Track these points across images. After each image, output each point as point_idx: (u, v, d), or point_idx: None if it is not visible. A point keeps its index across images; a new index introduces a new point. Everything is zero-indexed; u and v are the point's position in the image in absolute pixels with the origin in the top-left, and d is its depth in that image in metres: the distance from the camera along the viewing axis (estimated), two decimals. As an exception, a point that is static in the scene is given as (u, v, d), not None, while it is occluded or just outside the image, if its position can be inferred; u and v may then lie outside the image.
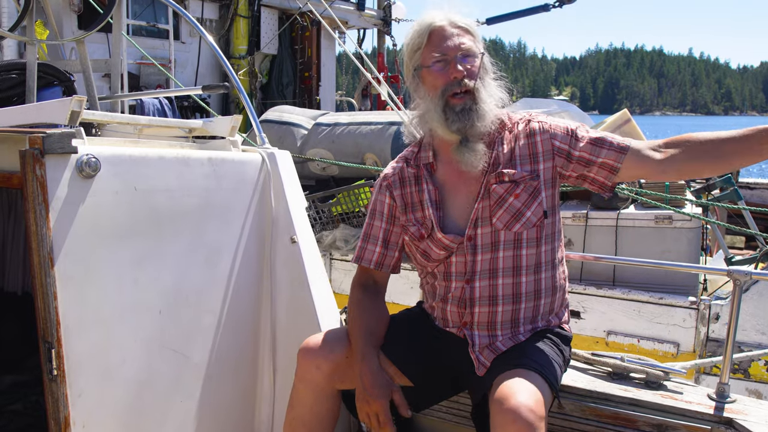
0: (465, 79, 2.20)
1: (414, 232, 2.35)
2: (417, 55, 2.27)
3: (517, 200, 2.23)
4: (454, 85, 2.20)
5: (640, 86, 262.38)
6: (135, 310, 2.18)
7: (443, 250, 2.30)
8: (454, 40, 2.21)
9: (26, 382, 3.43)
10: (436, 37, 2.23)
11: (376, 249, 2.44)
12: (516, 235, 2.24)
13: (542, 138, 2.27)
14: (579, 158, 2.25)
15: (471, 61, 2.22)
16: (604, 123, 6.67)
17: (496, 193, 2.24)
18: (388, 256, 2.44)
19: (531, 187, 2.24)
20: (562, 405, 2.43)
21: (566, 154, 2.26)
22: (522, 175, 2.24)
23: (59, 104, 2.20)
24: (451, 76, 2.20)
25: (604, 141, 2.24)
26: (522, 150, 2.27)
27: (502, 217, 2.23)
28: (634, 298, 4.68)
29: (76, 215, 1.98)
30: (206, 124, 2.71)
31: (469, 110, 2.20)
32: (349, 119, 6.30)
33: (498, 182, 2.24)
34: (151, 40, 8.86)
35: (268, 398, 2.67)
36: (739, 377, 4.33)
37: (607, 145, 2.23)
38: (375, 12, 12.19)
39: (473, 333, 2.29)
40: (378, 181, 2.49)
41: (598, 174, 2.26)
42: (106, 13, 3.13)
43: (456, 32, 2.23)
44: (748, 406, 2.34)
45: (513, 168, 2.25)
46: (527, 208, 2.23)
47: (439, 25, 2.23)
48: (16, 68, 3.30)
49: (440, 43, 2.22)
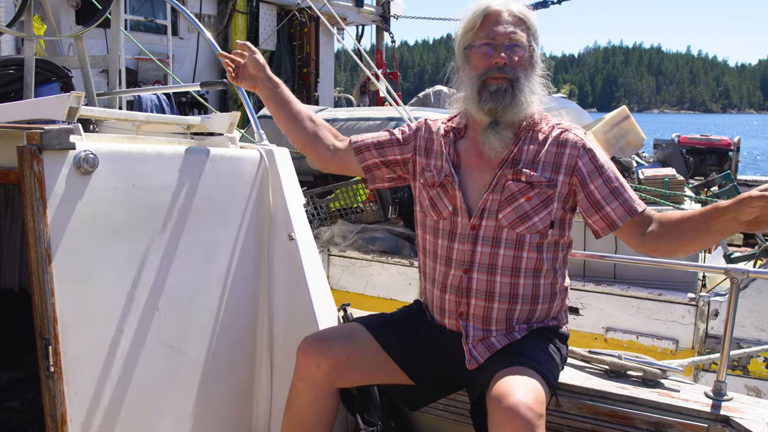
0: (507, 67, 2.21)
1: (428, 177, 2.38)
2: (469, 35, 2.28)
3: (528, 203, 2.23)
4: (493, 70, 2.22)
5: (638, 84, 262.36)
6: (132, 307, 2.17)
7: (452, 205, 2.31)
8: (505, 27, 2.22)
9: (23, 379, 3.42)
10: (489, 21, 2.24)
11: (368, 140, 2.50)
12: (519, 236, 2.24)
13: (571, 152, 2.25)
14: (590, 192, 2.24)
15: (518, 52, 2.23)
16: (603, 119, 6.68)
17: (509, 190, 2.24)
18: (370, 152, 2.49)
19: (545, 194, 2.23)
20: (559, 403, 2.43)
21: (581, 180, 2.24)
22: (540, 179, 2.23)
23: (57, 100, 2.19)
24: (493, 62, 2.21)
25: (621, 193, 2.23)
26: (548, 156, 2.26)
27: (508, 215, 2.24)
28: (633, 295, 4.68)
29: (74, 212, 1.97)
30: (204, 121, 2.70)
31: (504, 92, 2.21)
32: (347, 115, 6.30)
33: (514, 179, 2.24)
34: (149, 35, 8.84)
35: (266, 395, 2.67)
36: (738, 374, 4.34)
37: (621, 199, 2.23)
38: (374, 8, 12.18)
39: (468, 324, 2.29)
40: (420, 119, 2.54)
41: (597, 223, 2.26)
42: (104, 8, 3.12)
43: (510, 20, 2.24)
44: (745, 404, 2.35)
45: (534, 170, 2.24)
46: (536, 214, 2.23)
47: (495, 9, 2.24)
48: (13, 64, 3.28)
49: (492, 27, 2.23)
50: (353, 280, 5.63)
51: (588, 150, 2.26)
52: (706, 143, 9.12)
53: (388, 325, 2.44)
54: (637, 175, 5.41)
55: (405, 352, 2.36)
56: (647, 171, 5.42)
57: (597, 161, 2.25)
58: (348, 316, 2.78)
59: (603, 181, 2.23)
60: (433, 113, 5.83)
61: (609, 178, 2.24)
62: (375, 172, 2.51)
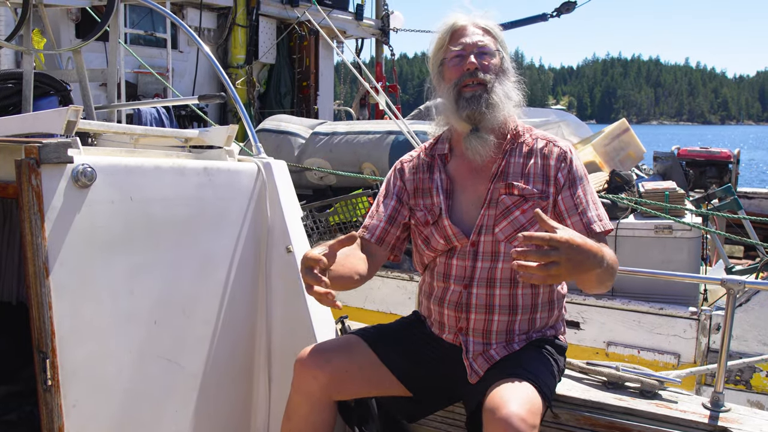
0: (478, 72, 2.26)
1: (420, 217, 2.39)
2: (440, 52, 2.36)
3: (523, 216, 2.25)
4: (466, 76, 2.27)
5: (637, 96, 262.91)
6: (130, 320, 2.17)
7: (443, 239, 2.32)
8: (472, 38, 2.30)
9: (21, 392, 3.41)
10: (456, 35, 2.32)
11: (381, 224, 2.45)
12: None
13: (555, 163, 2.30)
14: (557, 202, 2.27)
15: (487, 58, 2.29)
16: (602, 132, 6.68)
17: (503, 204, 2.26)
18: (390, 233, 2.45)
19: (539, 206, 2.24)
20: (557, 414, 2.43)
21: (556, 190, 2.28)
22: (532, 192, 2.26)
23: (55, 114, 2.21)
24: (465, 68, 2.27)
25: (585, 209, 2.25)
26: (536, 168, 2.30)
27: (505, 229, 2.25)
28: (634, 309, 4.66)
29: (72, 225, 1.98)
30: (202, 134, 2.72)
31: (479, 97, 2.25)
32: (346, 128, 6.30)
33: (507, 194, 2.27)
34: (149, 48, 8.87)
35: (264, 408, 2.66)
36: (741, 388, 4.31)
37: (583, 215, 2.24)
38: (373, 22, 12.23)
39: (468, 339, 2.29)
40: (393, 165, 2.55)
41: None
42: (102, 22, 3.14)
43: (476, 31, 2.32)
44: (743, 415, 2.34)
45: (526, 183, 2.27)
46: (531, 226, 2.24)
47: (461, 24, 2.33)
48: (12, 77, 3.30)
49: (459, 39, 2.31)
50: (352, 294, 5.61)
51: (568, 162, 2.30)
52: (706, 155, 9.13)
53: (386, 336, 2.43)
54: (638, 188, 5.41)
55: (403, 363, 2.36)
56: (647, 184, 5.41)
57: (572, 173, 2.29)
58: (346, 329, 2.78)
59: (570, 194, 2.27)
60: (432, 127, 5.85)
61: (577, 192, 2.27)
62: (398, 245, 2.49)
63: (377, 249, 2.44)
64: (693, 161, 9.01)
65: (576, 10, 9.85)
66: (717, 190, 5.63)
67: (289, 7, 10.20)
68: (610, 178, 5.48)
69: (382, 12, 12.35)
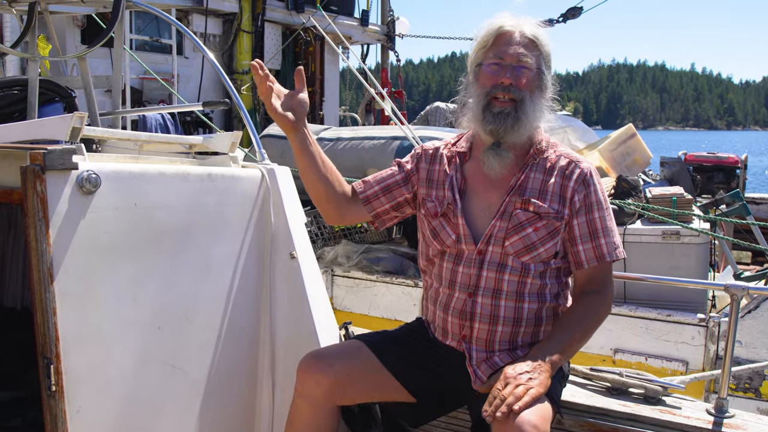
0: (512, 88, 2.21)
1: (430, 208, 2.38)
2: (480, 52, 2.29)
3: (535, 233, 2.23)
4: (498, 89, 2.22)
5: (642, 101, 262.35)
6: (134, 326, 2.18)
7: (454, 233, 2.31)
8: (515, 48, 2.22)
9: (25, 398, 3.41)
10: (500, 41, 2.25)
11: (375, 187, 2.46)
12: (524, 265, 2.24)
13: (574, 186, 2.26)
14: (572, 227, 2.26)
15: (525, 74, 2.22)
16: (609, 138, 6.68)
17: (517, 218, 2.24)
18: (379, 200, 2.45)
19: (552, 226, 2.23)
20: (561, 420, 2.42)
21: (572, 213, 2.26)
22: (548, 211, 2.24)
23: (60, 120, 2.21)
24: (499, 80, 2.21)
25: (598, 236, 2.25)
26: (555, 187, 2.26)
27: (515, 244, 2.23)
28: (642, 316, 4.62)
29: (76, 231, 1.98)
30: (206, 140, 2.72)
31: (507, 115, 2.21)
32: (351, 134, 6.31)
33: (523, 209, 2.24)
34: (155, 55, 8.91)
35: (268, 414, 2.66)
36: (750, 396, 4.28)
37: (596, 242, 2.25)
38: (378, 27, 12.26)
39: (471, 347, 2.29)
40: (414, 149, 2.53)
41: (568, 258, 2.31)
42: (108, 28, 3.15)
43: (521, 41, 2.23)
44: (747, 421, 2.33)
45: (543, 201, 2.24)
46: (542, 245, 2.23)
47: (508, 30, 2.25)
48: (17, 84, 3.31)
49: (502, 47, 2.24)
50: (357, 301, 5.61)
51: (588, 185, 2.27)
52: (713, 161, 9.09)
53: (390, 341, 2.43)
54: (645, 194, 5.39)
55: (406, 368, 2.35)
56: (654, 189, 5.40)
57: (589, 198, 2.26)
58: (349, 335, 2.78)
59: (586, 219, 2.25)
60: (437, 132, 5.84)
61: (594, 218, 2.25)
62: (384, 217, 2.49)
63: (360, 205, 2.45)
64: (700, 167, 8.98)
65: (582, 15, 9.85)
66: (725, 196, 5.62)
67: (294, 13, 10.23)
68: (617, 183, 5.47)
69: (387, 18, 12.39)
